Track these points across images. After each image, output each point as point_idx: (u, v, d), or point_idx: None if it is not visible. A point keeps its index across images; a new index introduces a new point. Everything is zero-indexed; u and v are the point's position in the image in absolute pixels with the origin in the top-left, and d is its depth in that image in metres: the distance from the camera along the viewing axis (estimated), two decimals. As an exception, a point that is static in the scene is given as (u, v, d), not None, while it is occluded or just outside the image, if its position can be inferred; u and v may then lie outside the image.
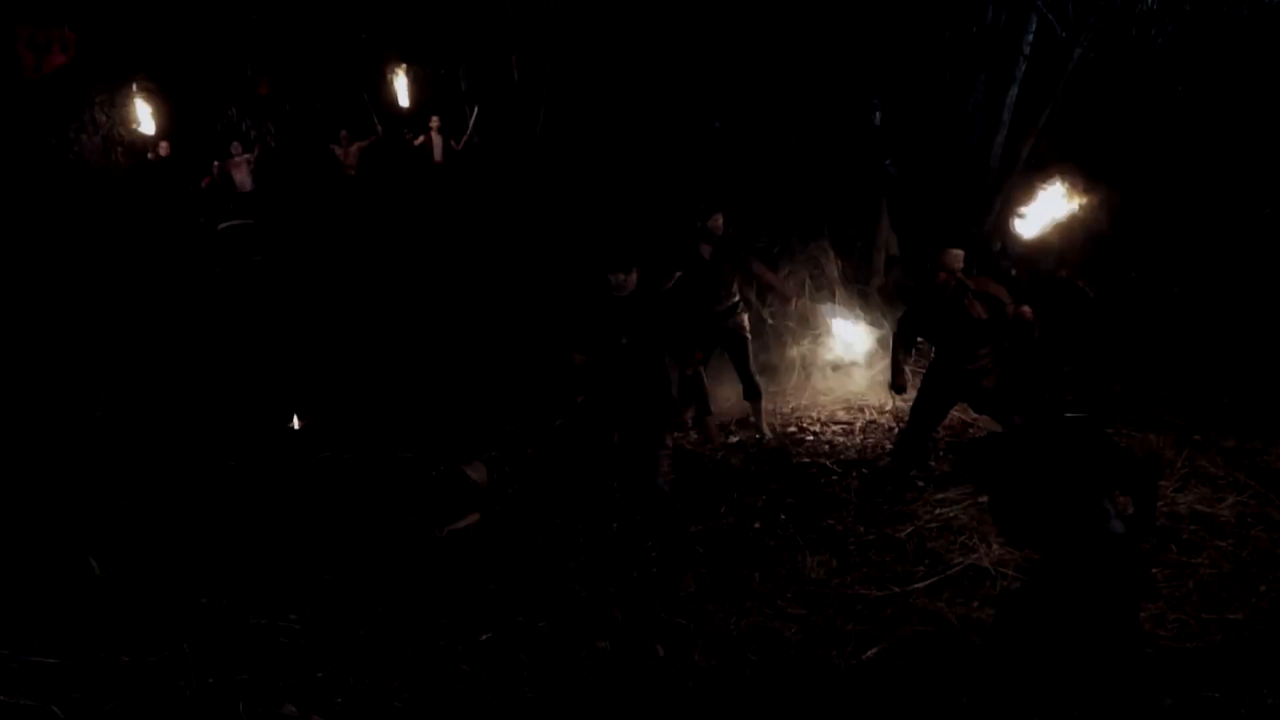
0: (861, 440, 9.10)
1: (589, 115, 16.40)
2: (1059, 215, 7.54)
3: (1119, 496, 4.89)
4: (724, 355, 9.34)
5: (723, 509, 7.78)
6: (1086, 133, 13.88)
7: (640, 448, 6.57)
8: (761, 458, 8.78)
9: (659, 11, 15.36)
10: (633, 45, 15.74)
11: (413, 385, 10.15)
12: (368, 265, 13.63)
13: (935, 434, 8.38)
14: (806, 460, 8.70)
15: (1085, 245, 11.14)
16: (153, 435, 8.87)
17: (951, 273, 7.57)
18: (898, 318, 8.44)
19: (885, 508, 7.66)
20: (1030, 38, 12.76)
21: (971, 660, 5.62)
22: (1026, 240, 8.00)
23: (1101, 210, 8.91)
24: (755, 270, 9.26)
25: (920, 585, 6.46)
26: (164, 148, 15.49)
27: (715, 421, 9.31)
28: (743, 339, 9.18)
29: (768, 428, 9.33)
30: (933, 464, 8.31)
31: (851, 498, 7.89)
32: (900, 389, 8.16)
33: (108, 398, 8.86)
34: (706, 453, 8.88)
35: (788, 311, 10.26)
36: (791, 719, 5.26)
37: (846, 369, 10.26)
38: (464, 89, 17.29)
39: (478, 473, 7.77)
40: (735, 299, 9.12)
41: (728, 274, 9.00)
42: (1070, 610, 4.72)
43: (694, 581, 6.61)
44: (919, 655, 5.72)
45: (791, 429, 9.42)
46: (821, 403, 9.96)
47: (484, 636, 6.02)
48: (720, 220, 8.99)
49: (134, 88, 14.17)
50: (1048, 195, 7.58)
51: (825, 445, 9.04)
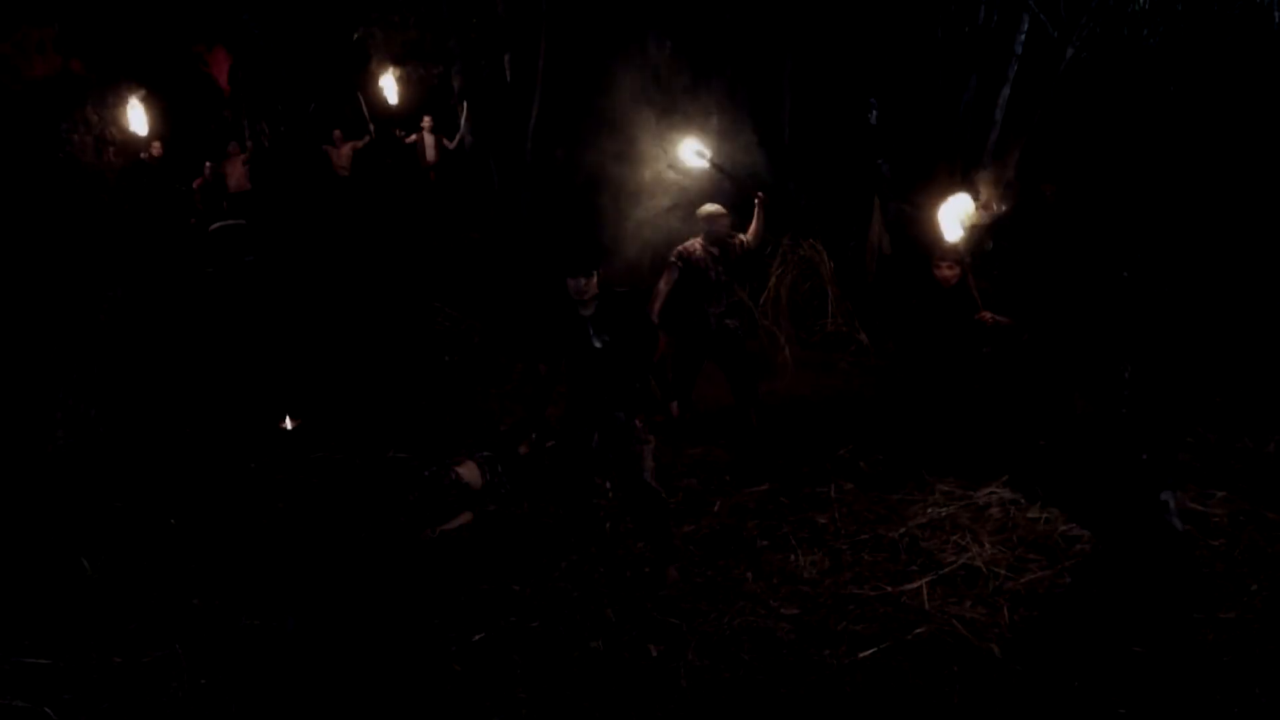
0: (855, 439, 9.10)
1: (581, 114, 16.39)
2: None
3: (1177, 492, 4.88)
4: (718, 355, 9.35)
5: (715, 508, 7.78)
6: (1079, 132, 13.91)
7: (621, 446, 6.52)
8: (754, 457, 8.77)
9: (651, 10, 15.36)
10: (626, 44, 15.74)
11: (405, 385, 10.15)
12: (360, 265, 13.62)
13: (933, 431, 8.39)
14: (800, 459, 8.70)
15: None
16: (145, 435, 8.86)
17: (956, 268, 7.64)
18: (902, 314, 8.46)
19: (878, 507, 7.66)
20: (1023, 38, 12.81)
21: (966, 660, 5.63)
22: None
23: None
24: (745, 240, 9.20)
25: (914, 585, 6.46)
26: (156, 148, 15.48)
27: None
28: (739, 339, 9.17)
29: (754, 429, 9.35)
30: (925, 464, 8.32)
31: (845, 497, 7.89)
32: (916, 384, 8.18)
33: (100, 398, 8.84)
34: (698, 453, 8.87)
35: (778, 308, 10.27)
36: (785, 719, 5.26)
37: (838, 368, 10.26)
38: (456, 89, 17.29)
39: (470, 473, 7.76)
40: (734, 299, 9.15)
41: (728, 273, 9.01)
42: (1123, 602, 4.69)
43: (678, 573, 6.61)
44: (913, 655, 5.72)
45: (784, 428, 9.42)
46: (816, 401, 9.97)
47: (477, 637, 6.01)
48: (724, 220, 9.00)
49: (126, 88, 14.16)
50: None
51: (819, 444, 9.04)
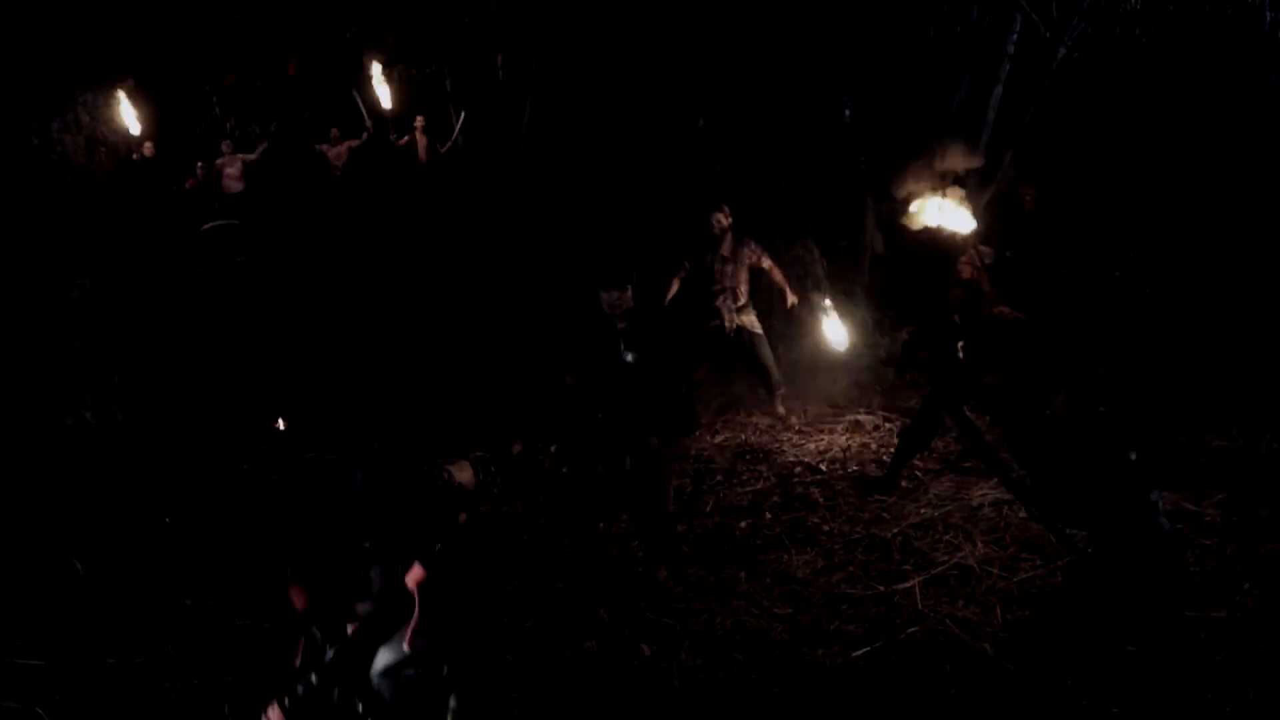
0: (847, 440, 9.11)
1: (574, 115, 16.38)
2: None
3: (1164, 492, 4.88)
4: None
5: (708, 508, 7.78)
6: (1071, 132, 13.93)
7: (650, 474, 6.31)
8: (747, 457, 8.78)
9: (644, 10, 15.34)
10: (618, 44, 15.73)
11: (399, 386, 10.14)
12: (354, 266, 13.60)
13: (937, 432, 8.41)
14: (792, 459, 8.71)
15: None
16: (136, 436, 8.84)
17: (978, 261, 7.67)
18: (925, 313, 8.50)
19: (871, 507, 7.67)
20: (1015, 37, 12.79)
21: (959, 659, 5.63)
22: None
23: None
24: (765, 266, 9.30)
25: (907, 585, 6.46)
26: (148, 148, 15.43)
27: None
28: (757, 335, 9.28)
29: (782, 415, 9.42)
30: (919, 464, 8.33)
31: (837, 497, 7.89)
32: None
33: (92, 398, 8.83)
34: (692, 453, 8.87)
35: (776, 311, 10.27)
36: (779, 719, 5.26)
37: (832, 369, 10.26)
38: (449, 89, 17.26)
39: (463, 473, 7.76)
40: (747, 298, 9.23)
41: (739, 272, 9.09)
42: (1110, 604, 4.69)
43: (669, 572, 6.61)
44: (906, 655, 5.72)
45: (777, 428, 9.44)
46: (808, 402, 9.97)
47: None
48: (726, 218, 9.05)
49: (118, 88, 14.13)
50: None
51: (811, 445, 9.05)
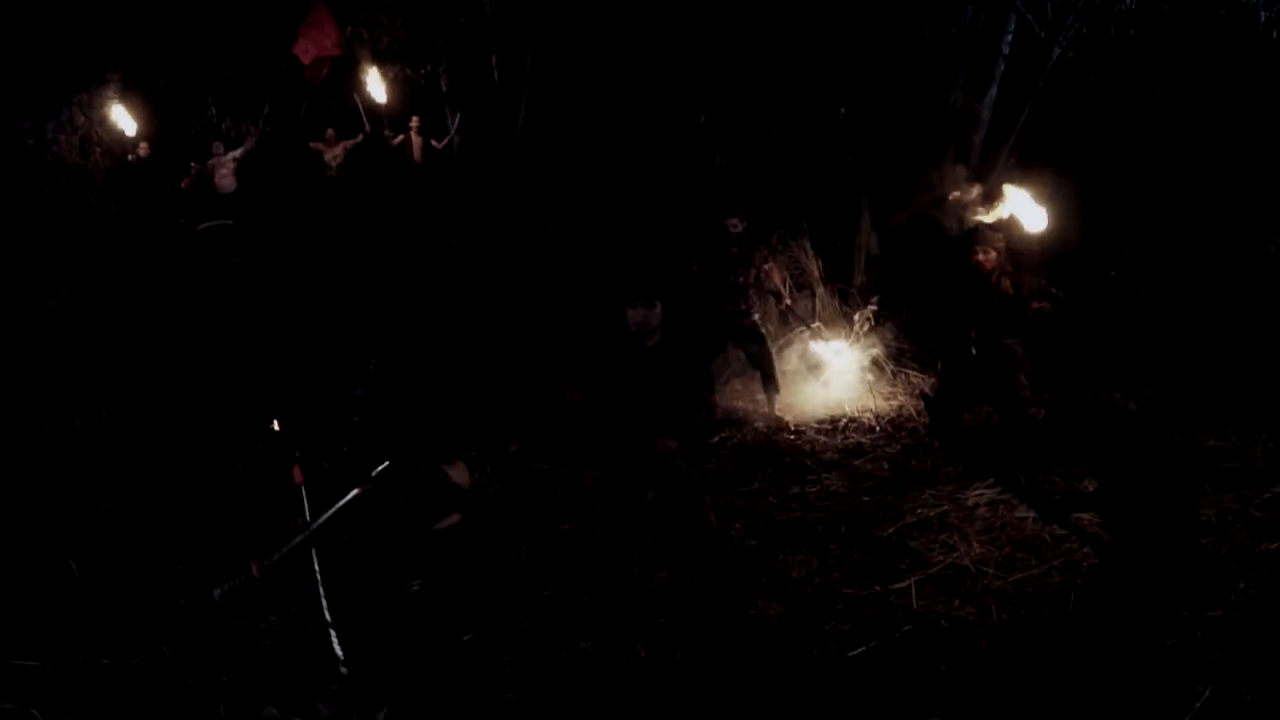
0: (842, 440, 9.12)
1: (570, 114, 16.39)
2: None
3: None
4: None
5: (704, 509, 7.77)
6: (1066, 132, 13.94)
7: (681, 500, 6.10)
8: (744, 457, 8.78)
9: (640, 9, 15.36)
10: (614, 43, 15.74)
11: (393, 385, 10.12)
12: (349, 265, 13.59)
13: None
14: (788, 460, 8.71)
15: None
16: (132, 436, 8.83)
17: (993, 253, 7.71)
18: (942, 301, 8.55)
19: (867, 506, 7.67)
20: (1009, 37, 12.81)
21: (955, 658, 5.64)
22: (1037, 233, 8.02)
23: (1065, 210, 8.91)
24: (767, 268, 9.35)
25: (902, 584, 6.47)
26: (144, 149, 15.42)
27: None
28: (762, 336, 9.34)
29: (767, 421, 9.44)
30: (914, 464, 8.35)
31: (832, 497, 7.90)
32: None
33: (80, 404, 8.83)
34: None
35: (771, 313, 10.29)
36: (774, 718, 5.26)
37: (826, 369, 10.27)
38: (444, 89, 17.26)
39: (459, 473, 7.73)
40: (754, 300, 9.29)
41: (749, 275, 9.15)
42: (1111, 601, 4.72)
43: (668, 574, 6.61)
44: (902, 654, 5.72)
45: (773, 429, 9.44)
46: (803, 402, 9.97)
47: (466, 637, 6.01)
48: (742, 221, 9.10)
49: (114, 89, 14.14)
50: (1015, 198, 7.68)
51: (807, 444, 9.06)
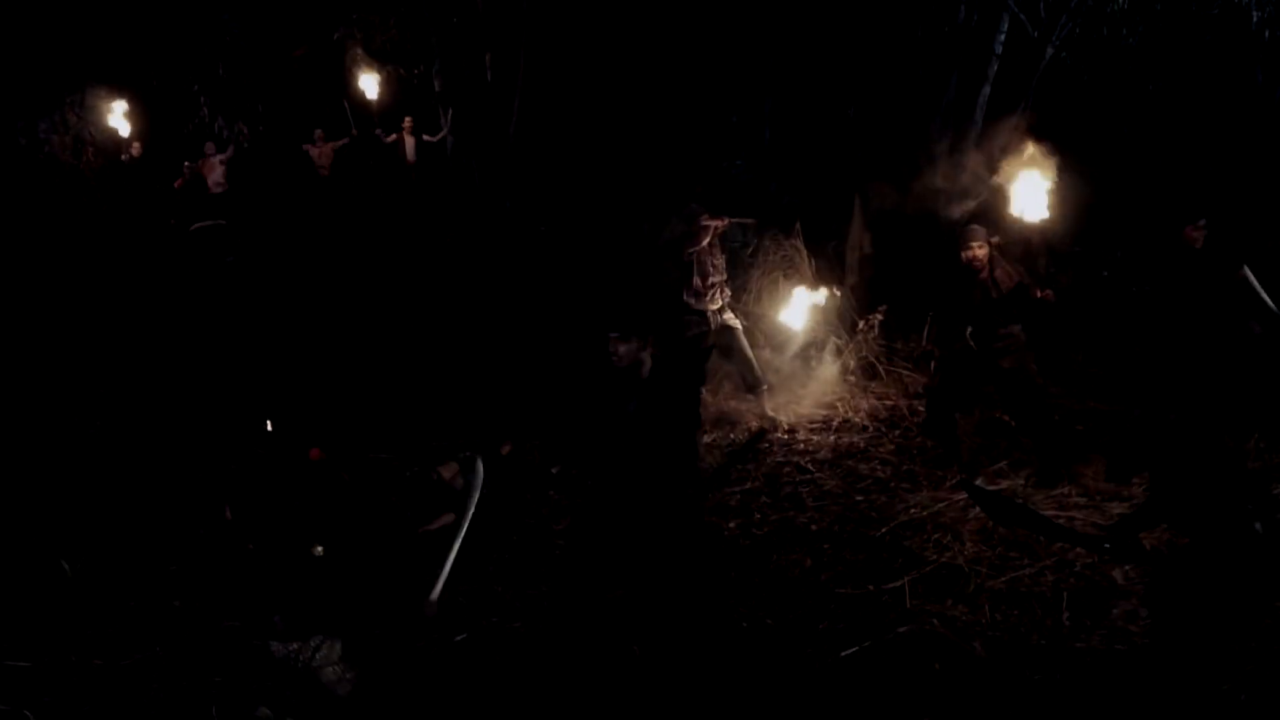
0: (835, 439, 9.11)
1: (563, 114, 16.39)
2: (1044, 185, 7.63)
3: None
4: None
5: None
6: (1058, 132, 13.95)
7: (673, 549, 6.02)
8: (736, 457, 8.77)
9: (632, 11, 15.36)
10: (606, 44, 15.74)
11: (387, 385, 10.11)
12: (341, 265, 13.58)
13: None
14: (780, 459, 8.70)
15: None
16: (124, 435, 8.82)
17: (985, 248, 7.73)
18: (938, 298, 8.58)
19: (860, 506, 7.68)
20: (1002, 37, 12.83)
21: (948, 658, 5.64)
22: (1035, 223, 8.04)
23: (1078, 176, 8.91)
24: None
25: (896, 584, 6.47)
26: (136, 148, 15.41)
27: None
28: (736, 330, 9.33)
29: (760, 420, 9.44)
30: (907, 465, 8.35)
31: (826, 497, 7.89)
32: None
33: (77, 398, 8.80)
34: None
35: (757, 312, 10.31)
36: (768, 717, 5.26)
37: (818, 368, 10.27)
38: (437, 88, 17.26)
39: (452, 474, 7.74)
40: (729, 294, 9.30)
41: (721, 269, 9.16)
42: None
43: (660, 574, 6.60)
44: (895, 654, 5.73)
45: (765, 428, 9.43)
46: (796, 402, 9.97)
47: (459, 638, 6.00)
48: (712, 216, 9.10)
49: (106, 88, 14.11)
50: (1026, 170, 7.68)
51: (800, 444, 9.05)
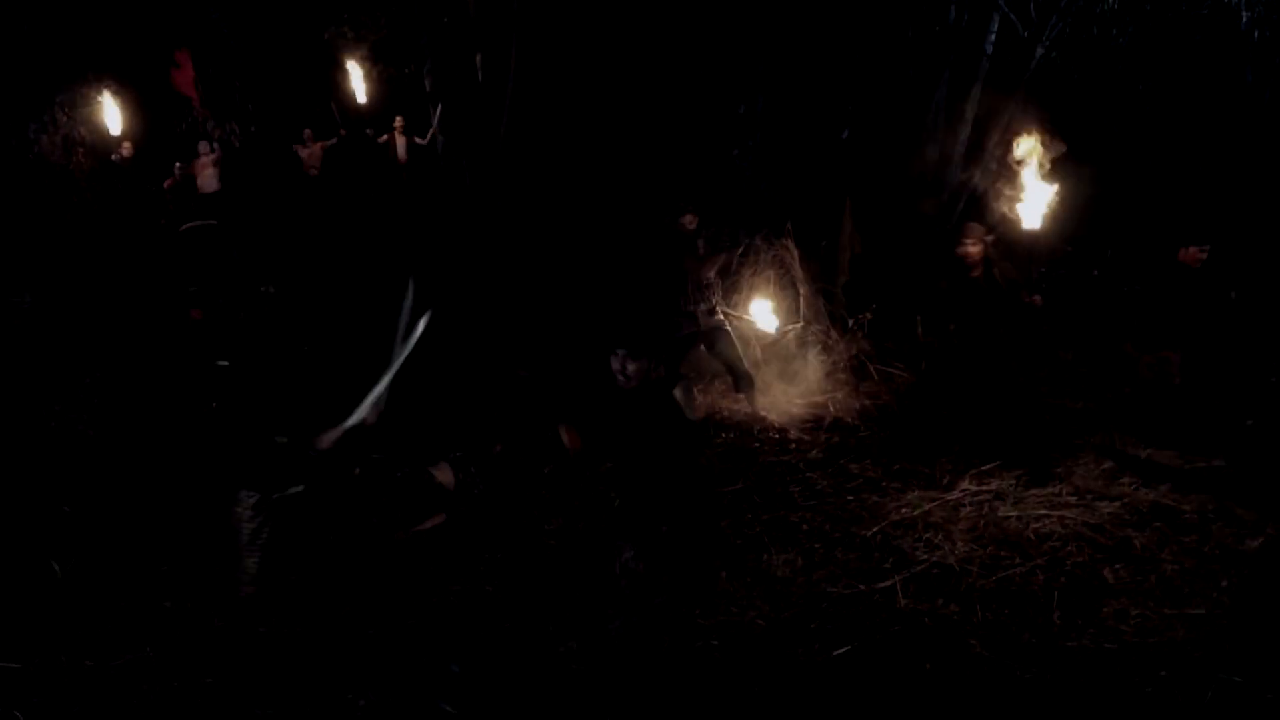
0: (826, 438, 9.12)
1: (553, 114, 16.38)
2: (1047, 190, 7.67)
3: None
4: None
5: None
6: (1048, 131, 13.97)
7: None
8: (728, 456, 8.78)
9: (622, 11, 15.35)
10: (597, 44, 15.73)
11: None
12: (332, 265, 13.55)
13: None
14: (772, 459, 8.71)
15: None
16: (114, 437, 8.80)
17: (980, 245, 7.76)
18: (929, 295, 8.60)
19: (851, 505, 7.69)
20: (993, 37, 12.85)
21: (940, 657, 5.65)
22: (1030, 229, 8.07)
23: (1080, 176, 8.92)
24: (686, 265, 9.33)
25: (887, 583, 6.48)
26: (127, 149, 15.38)
27: None
28: (725, 331, 9.32)
29: (751, 420, 9.45)
30: (897, 465, 8.37)
31: (817, 496, 7.90)
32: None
33: (66, 399, 8.78)
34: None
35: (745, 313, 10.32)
36: (759, 717, 5.27)
37: (807, 367, 10.28)
38: (428, 88, 17.24)
39: (443, 474, 7.72)
40: (716, 296, 9.29)
41: (708, 272, 9.14)
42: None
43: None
44: (887, 653, 5.74)
45: (757, 427, 9.44)
46: (787, 401, 9.98)
47: (449, 638, 6.00)
48: (694, 219, 9.09)
49: (97, 88, 14.07)
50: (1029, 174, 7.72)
51: (791, 444, 9.06)
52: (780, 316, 10.01)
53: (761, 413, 9.57)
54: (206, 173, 16.23)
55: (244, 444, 6.04)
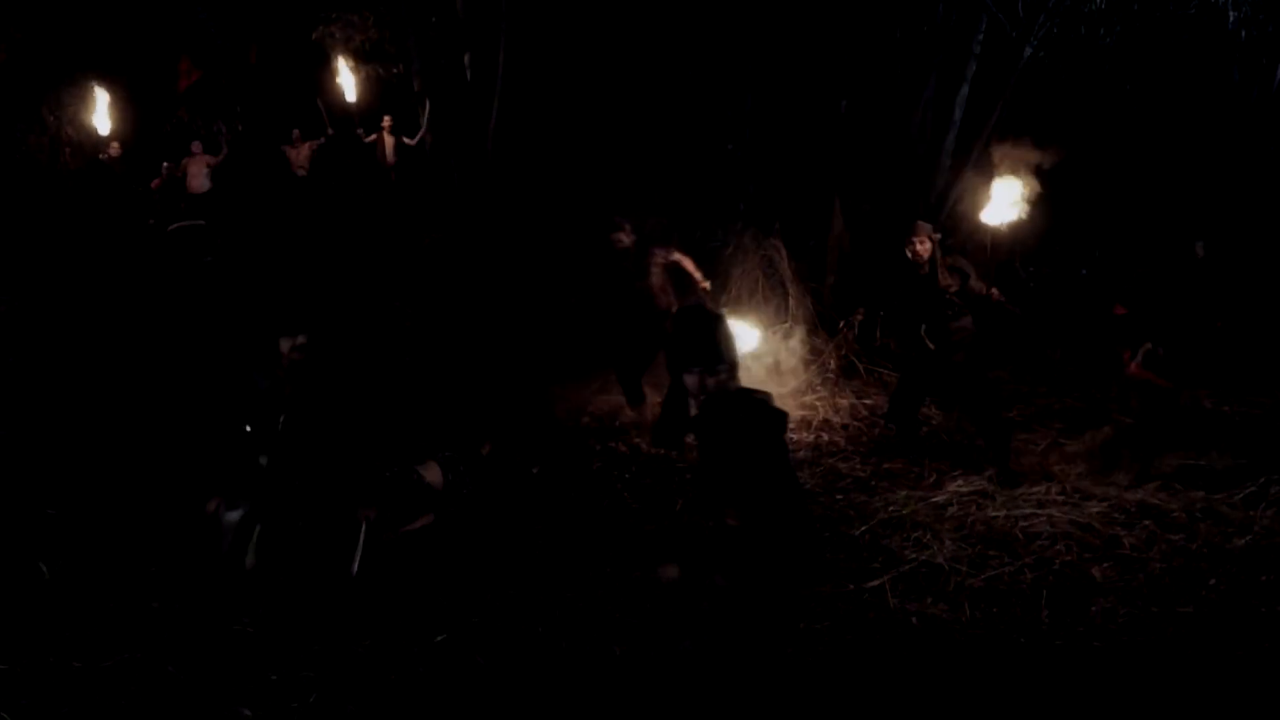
0: (815, 438, 9.13)
1: (542, 114, 16.37)
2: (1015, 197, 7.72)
3: None
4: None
5: (678, 507, 7.78)
6: (1037, 131, 14.00)
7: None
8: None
9: (611, 11, 15.36)
10: (586, 44, 15.74)
11: (367, 386, 10.08)
12: (320, 265, 13.52)
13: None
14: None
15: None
16: (103, 436, 8.77)
17: (928, 243, 7.79)
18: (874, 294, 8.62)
19: (839, 505, 7.69)
20: (981, 37, 12.86)
21: (929, 656, 5.66)
22: (994, 229, 8.16)
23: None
24: (675, 259, 9.30)
25: (875, 583, 6.48)
26: (115, 148, 15.34)
27: None
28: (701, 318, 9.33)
29: None
30: (887, 464, 8.37)
31: (805, 495, 7.90)
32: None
33: (55, 399, 8.75)
34: (662, 453, 8.86)
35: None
36: (749, 716, 5.27)
37: (795, 367, 10.28)
38: (416, 88, 17.22)
39: (432, 474, 7.69)
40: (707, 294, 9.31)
41: (649, 280, 9.18)
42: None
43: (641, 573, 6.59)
44: (876, 652, 5.74)
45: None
46: (776, 401, 9.97)
47: (439, 638, 5.99)
48: (629, 234, 9.14)
49: (85, 88, 14.02)
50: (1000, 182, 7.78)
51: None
52: (761, 327, 10.03)
53: None
54: (199, 172, 16.17)
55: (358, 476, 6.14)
